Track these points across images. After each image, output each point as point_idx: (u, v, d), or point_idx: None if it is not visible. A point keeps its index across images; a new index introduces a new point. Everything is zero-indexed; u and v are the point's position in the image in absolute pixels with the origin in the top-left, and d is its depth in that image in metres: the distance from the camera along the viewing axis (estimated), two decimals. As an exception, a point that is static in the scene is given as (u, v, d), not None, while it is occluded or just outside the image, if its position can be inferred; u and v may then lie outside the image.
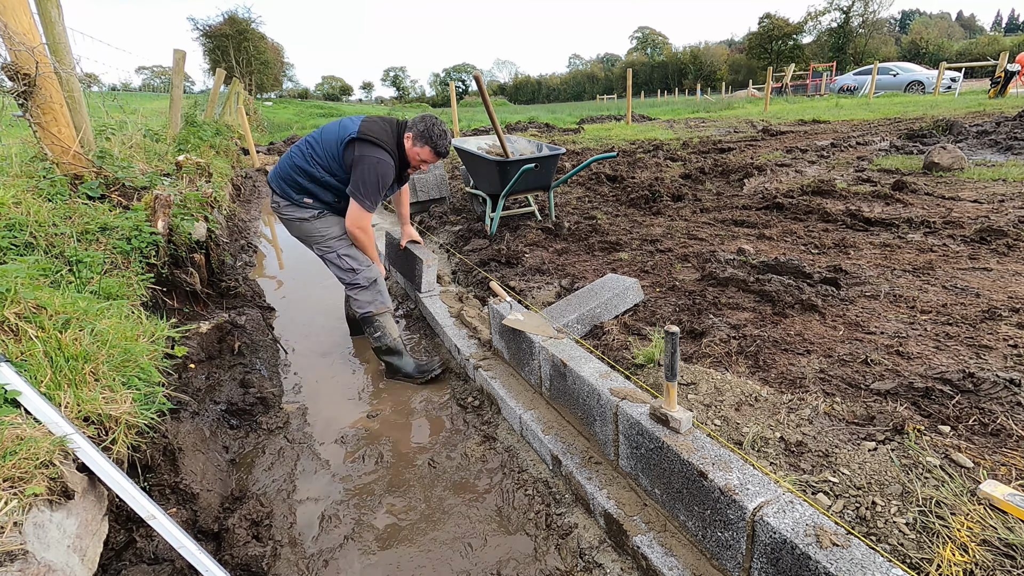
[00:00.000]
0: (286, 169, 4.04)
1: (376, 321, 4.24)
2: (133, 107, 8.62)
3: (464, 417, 3.74)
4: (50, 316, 2.57)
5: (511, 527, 2.77)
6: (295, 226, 4.14)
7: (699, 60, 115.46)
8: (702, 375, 2.85)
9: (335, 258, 4.16)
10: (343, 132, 3.91)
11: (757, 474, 1.99)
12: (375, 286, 4.24)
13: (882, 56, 70.54)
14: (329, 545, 2.71)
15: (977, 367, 2.70)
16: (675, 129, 18.11)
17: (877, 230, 5.42)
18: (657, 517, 2.42)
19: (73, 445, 2.00)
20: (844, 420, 2.44)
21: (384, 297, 4.29)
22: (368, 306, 4.22)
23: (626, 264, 4.95)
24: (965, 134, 11.12)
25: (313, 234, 4.13)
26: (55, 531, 1.82)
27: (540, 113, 30.70)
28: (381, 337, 4.26)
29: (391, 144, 3.93)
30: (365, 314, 4.23)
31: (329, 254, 4.17)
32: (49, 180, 4.02)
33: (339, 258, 4.16)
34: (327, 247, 4.15)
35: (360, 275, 4.18)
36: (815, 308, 3.63)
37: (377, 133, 3.88)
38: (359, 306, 4.23)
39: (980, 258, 4.39)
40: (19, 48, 3.94)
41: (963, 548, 1.72)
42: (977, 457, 2.11)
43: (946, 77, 27.21)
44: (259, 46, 69.77)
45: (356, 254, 4.19)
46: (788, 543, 1.71)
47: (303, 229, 4.13)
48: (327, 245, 4.15)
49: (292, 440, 3.56)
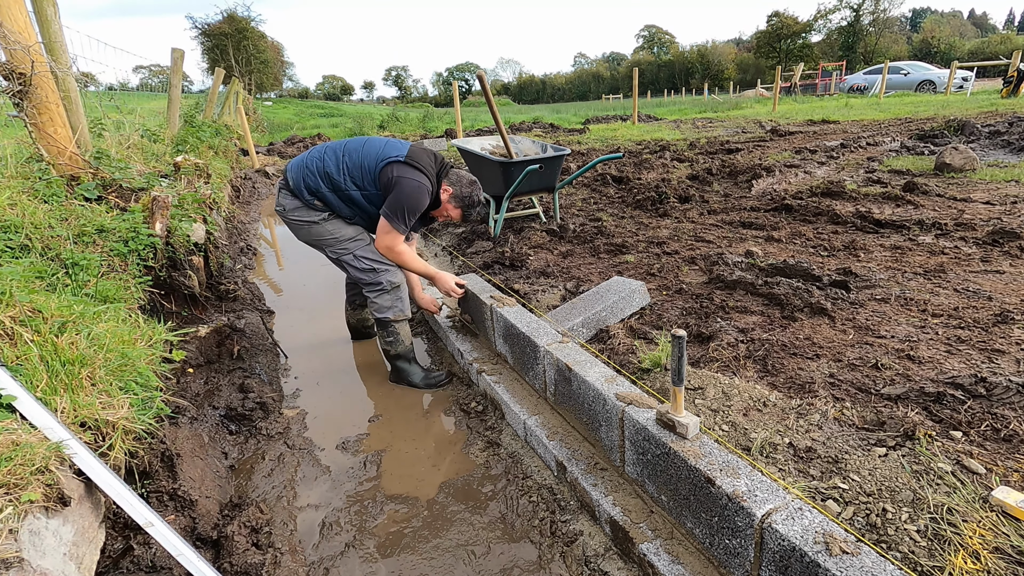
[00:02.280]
0: (313, 171, 3.96)
1: (392, 327, 4.21)
2: (130, 107, 8.65)
3: (467, 422, 3.74)
4: (46, 320, 2.58)
5: (515, 534, 2.77)
6: (304, 230, 4.08)
7: (706, 59, 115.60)
8: (709, 380, 2.85)
9: (351, 259, 4.09)
10: (387, 153, 3.89)
11: (765, 480, 1.99)
12: (397, 291, 4.17)
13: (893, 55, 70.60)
14: (330, 553, 2.71)
15: (989, 371, 2.69)
16: (682, 129, 18.12)
17: (888, 232, 5.41)
18: (664, 524, 2.42)
19: (69, 451, 2.01)
20: (854, 425, 2.44)
21: (404, 304, 4.24)
22: (387, 311, 4.17)
23: (632, 267, 4.95)
24: (977, 134, 11.11)
25: (324, 236, 4.06)
26: (51, 538, 1.83)
27: (545, 113, 30.78)
28: (394, 343, 4.24)
29: (433, 176, 3.93)
30: (383, 318, 4.19)
31: (345, 256, 4.10)
32: (45, 181, 4.03)
33: (356, 259, 4.08)
34: (342, 249, 4.09)
35: (381, 276, 4.11)
36: (824, 311, 3.63)
37: (423, 162, 3.89)
38: (377, 309, 4.18)
39: (992, 261, 4.38)
40: (14, 47, 3.96)
41: (975, 556, 1.71)
42: (989, 463, 2.11)
43: (958, 76, 27.22)
44: (259, 45, 69.95)
45: (375, 254, 4.10)
46: (797, 551, 1.71)
47: (313, 232, 4.07)
48: (342, 247, 4.09)
49: (292, 446, 3.56)
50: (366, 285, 4.17)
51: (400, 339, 4.24)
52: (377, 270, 4.09)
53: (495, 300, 3.98)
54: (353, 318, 4.97)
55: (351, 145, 4.01)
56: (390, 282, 4.12)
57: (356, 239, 4.09)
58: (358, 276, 4.15)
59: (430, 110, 32.57)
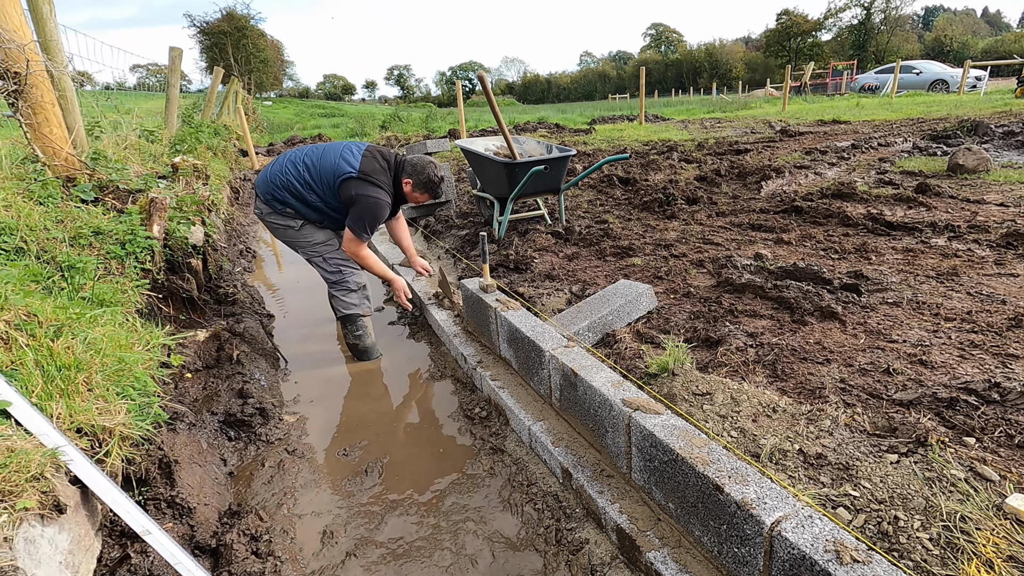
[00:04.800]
0: (278, 185, 4.37)
1: (360, 321, 4.68)
2: (128, 107, 8.69)
3: (471, 429, 3.74)
4: (41, 324, 2.59)
5: (520, 543, 2.77)
6: (281, 232, 4.53)
7: (715, 58, 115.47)
8: (718, 385, 2.85)
9: (321, 261, 4.57)
10: (341, 168, 4.27)
11: (775, 487, 1.98)
12: (363, 291, 4.70)
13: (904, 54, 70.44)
14: (331, 562, 2.72)
15: (1003, 376, 2.68)
16: (690, 130, 18.12)
17: (899, 234, 5.40)
18: (671, 532, 2.42)
19: (65, 457, 2.01)
20: (865, 432, 2.43)
21: (369, 302, 4.77)
22: (355, 308, 4.64)
23: (639, 270, 4.95)
24: (991, 135, 11.11)
25: (299, 240, 4.52)
26: (47, 547, 1.83)
27: (550, 113, 30.73)
28: (362, 336, 4.71)
29: (387, 183, 4.37)
30: (352, 314, 4.64)
31: (315, 258, 4.58)
32: (41, 183, 4.04)
33: (325, 261, 4.56)
34: (313, 251, 4.56)
35: (348, 278, 4.62)
36: (835, 315, 3.62)
37: (376, 173, 4.30)
38: (345, 307, 4.61)
39: (1006, 263, 4.37)
40: (9, 46, 3.98)
41: (988, 565, 1.71)
42: (1003, 470, 2.10)
43: (971, 76, 27.18)
44: (258, 43, 70.11)
45: (343, 257, 4.58)
46: (807, 559, 1.70)
47: (288, 235, 4.53)
48: (313, 250, 4.56)
49: (292, 452, 3.57)
50: (333, 284, 4.62)
51: (367, 332, 4.74)
52: (344, 272, 4.60)
53: (499, 304, 3.98)
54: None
55: (310, 157, 4.40)
56: (356, 283, 4.65)
57: (327, 243, 4.60)
58: (325, 276, 4.63)
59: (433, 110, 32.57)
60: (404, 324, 5.48)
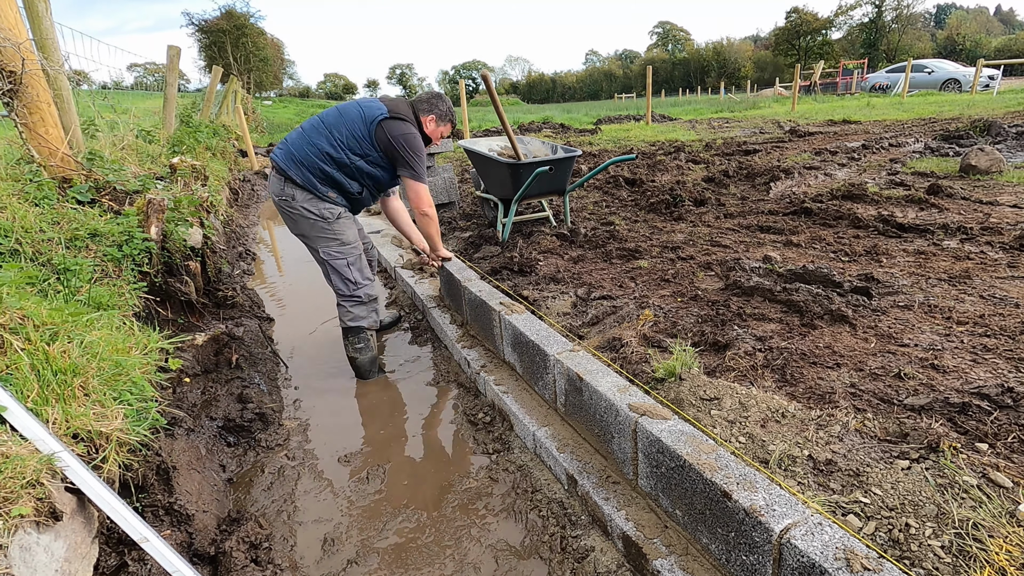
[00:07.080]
0: (309, 156, 4.04)
1: (364, 333, 4.49)
2: (125, 106, 8.71)
3: (474, 434, 3.74)
4: (37, 327, 2.59)
5: (524, 550, 2.77)
6: (308, 222, 4.16)
7: (722, 57, 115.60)
8: (726, 389, 2.84)
9: (343, 266, 4.28)
10: (371, 113, 4.06)
11: (784, 494, 1.98)
12: (373, 303, 4.52)
13: (916, 53, 70.43)
14: (332, 570, 2.72)
15: (1017, 381, 2.68)
16: (697, 130, 18.13)
17: (911, 236, 5.39)
18: (678, 540, 2.42)
19: (61, 463, 2.02)
20: (876, 437, 2.43)
21: (377, 315, 4.62)
22: (362, 320, 4.44)
23: (646, 272, 4.94)
24: (1004, 135, 11.08)
25: (325, 234, 4.19)
26: (42, 554, 1.84)
27: (555, 113, 30.77)
28: (364, 350, 4.51)
29: (414, 120, 4.18)
30: (358, 327, 4.44)
31: (337, 260, 4.26)
32: (36, 183, 4.05)
33: (348, 267, 4.29)
34: (337, 252, 4.25)
35: (361, 289, 4.39)
36: (845, 319, 3.61)
37: (404, 111, 4.11)
38: (352, 319, 4.42)
39: (1020, 266, 4.36)
40: (3, 44, 3.99)
41: (1002, 573, 1.71)
42: (1017, 476, 2.10)
43: (984, 75, 27.14)
44: (258, 42, 70.31)
45: (363, 267, 4.38)
46: (817, 567, 1.70)
47: (316, 228, 4.17)
48: (338, 251, 4.25)
49: (293, 458, 3.57)
50: (343, 295, 4.39)
51: (370, 345, 4.54)
52: (359, 284, 4.37)
53: (504, 307, 3.98)
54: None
55: (328, 121, 4.12)
56: (367, 295, 4.44)
57: (355, 245, 4.33)
58: (338, 284, 4.37)
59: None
60: (407, 328, 5.48)
